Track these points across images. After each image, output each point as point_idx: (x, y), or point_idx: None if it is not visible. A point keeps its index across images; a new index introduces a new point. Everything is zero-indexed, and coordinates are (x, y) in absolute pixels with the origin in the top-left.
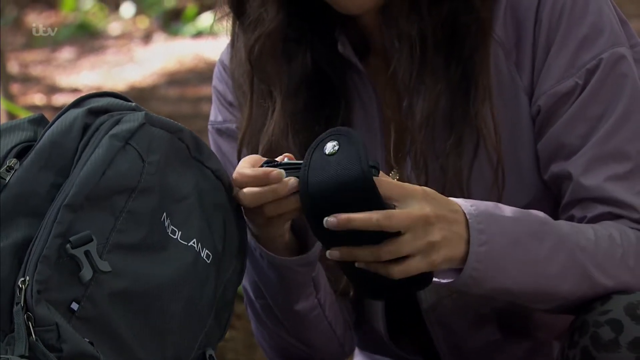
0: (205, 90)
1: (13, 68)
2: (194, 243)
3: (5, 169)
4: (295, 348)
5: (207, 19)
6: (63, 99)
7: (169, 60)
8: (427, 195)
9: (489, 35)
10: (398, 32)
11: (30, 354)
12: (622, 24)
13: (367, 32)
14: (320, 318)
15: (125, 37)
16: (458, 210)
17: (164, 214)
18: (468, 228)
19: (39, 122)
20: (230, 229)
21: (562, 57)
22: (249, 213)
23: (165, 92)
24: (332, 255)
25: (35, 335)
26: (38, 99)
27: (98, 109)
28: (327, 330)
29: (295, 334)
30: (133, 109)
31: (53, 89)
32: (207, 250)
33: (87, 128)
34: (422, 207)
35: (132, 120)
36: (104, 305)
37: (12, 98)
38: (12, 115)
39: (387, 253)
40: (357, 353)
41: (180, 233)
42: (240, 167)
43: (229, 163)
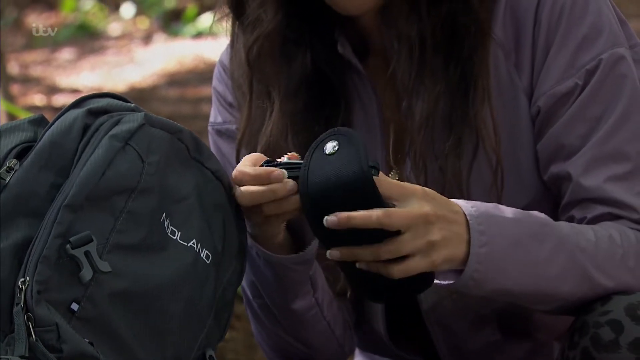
0: (205, 91)
1: (13, 69)
2: (194, 243)
3: (5, 170)
4: (294, 348)
5: (207, 20)
6: (63, 100)
7: (169, 61)
8: (427, 195)
9: (488, 36)
10: (397, 32)
11: (30, 355)
12: (621, 24)
13: (366, 32)
14: (318, 317)
15: (126, 37)
16: (458, 211)
17: (164, 215)
18: (468, 229)
19: (39, 122)
20: (230, 230)
21: (561, 57)
22: (247, 211)
23: (166, 92)
24: (332, 256)
25: (35, 336)
26: (38, 100)
27: (98, 110)
28: (325, 330)
29: (293, 334)
30: (132, 110)
31: (53, 90)
32: (206, 251)
33: (87, 128)
34: (422, 206)
35: (131, 121)
36: (104, 306)
37: (12, 99)
38: (12, 116)
39: (387, 252)
40: (357, 353)
41: (180, 233)
42: (241, 165)
43: (229, 164)
